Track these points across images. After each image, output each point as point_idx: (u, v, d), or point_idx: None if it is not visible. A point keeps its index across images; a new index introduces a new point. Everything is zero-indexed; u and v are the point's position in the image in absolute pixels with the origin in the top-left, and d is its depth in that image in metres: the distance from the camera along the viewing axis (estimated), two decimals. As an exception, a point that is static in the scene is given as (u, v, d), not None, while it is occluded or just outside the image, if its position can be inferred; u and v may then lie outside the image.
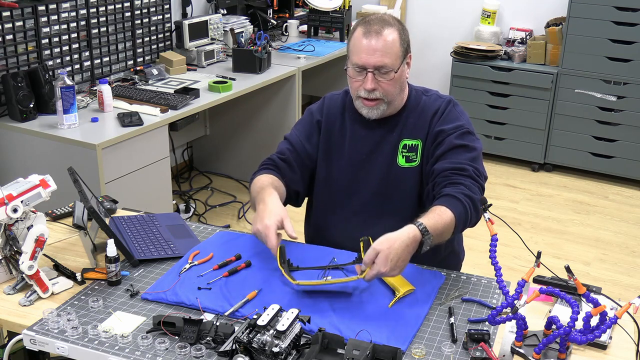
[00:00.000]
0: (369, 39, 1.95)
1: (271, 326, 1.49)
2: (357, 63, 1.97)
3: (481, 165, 2.01)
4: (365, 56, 1.95)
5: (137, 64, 3.94)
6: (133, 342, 1.59)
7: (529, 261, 2.82)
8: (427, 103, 2.09)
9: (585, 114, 4.72)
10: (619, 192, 4.68)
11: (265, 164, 2.13)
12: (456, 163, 1.95)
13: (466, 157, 1.97)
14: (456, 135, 2.00)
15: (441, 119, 2.04)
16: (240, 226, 4.05)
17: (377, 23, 1.98)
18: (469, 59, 4.96)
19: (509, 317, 1.54)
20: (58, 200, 2.07)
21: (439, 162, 1.98)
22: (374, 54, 1.94)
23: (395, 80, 1.98)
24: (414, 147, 2.05)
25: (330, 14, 4.81)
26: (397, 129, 2.06)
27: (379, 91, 1.98)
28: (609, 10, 4.48)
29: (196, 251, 1.98)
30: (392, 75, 1.97)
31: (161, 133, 3.25)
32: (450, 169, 1.95)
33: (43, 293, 1.77)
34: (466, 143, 2.00)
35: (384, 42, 1.95)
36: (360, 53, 1.96)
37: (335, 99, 2.18)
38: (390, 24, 1.99)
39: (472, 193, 1.90)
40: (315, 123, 2.15)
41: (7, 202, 1.73)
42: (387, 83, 1.97)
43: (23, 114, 3.11)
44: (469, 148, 2.00)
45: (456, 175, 1.93)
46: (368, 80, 1.96)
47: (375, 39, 1.95)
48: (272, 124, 4.39)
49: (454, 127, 2.02)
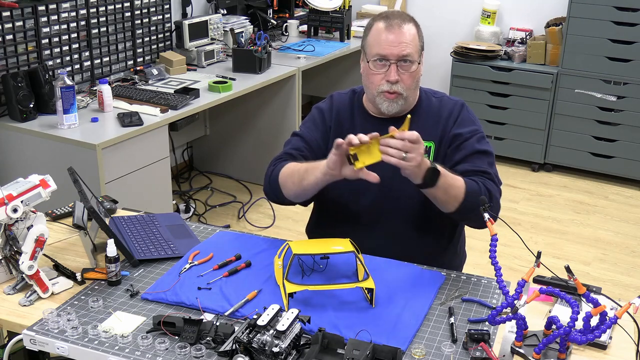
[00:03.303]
0: (391, 32, 1.96)
1: (271, 326, 1.49)
2: (380, 53, 1.96)
3: (496, 170, 2.05)
4: (389, 47, 1.96)
5: (137, 64, 3.94)
6: (133, 342, 1.59)
7: (529, 261, 2.82)
8: (439, 105, 2.09)
9: (585, 114, 4.72)
10: (619, 192, 4.68)
11: (282, 158, 2.09)
12: (478, 167, 1.99)
13: (486, 163, 2.01)
14: (475, 140, 2.02)
15: (457, 123, 2.05)
16: (240, 226, 4.05)
17: (397, 17, 2.00)
18: (469, 59, 4.96)
19: (509, 317, 1.54)
20: (58, 200, 2.07)
21: (460, 165, 2.00)
22: (398, 45, 1.95)
23: (415, 74, 2.00)
24: (426, 149, 2.01)
25: (330, 14, 4.81)
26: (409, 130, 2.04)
27: (400, 84, 1.98)
28: (609, 10, 4.48)
29: (196, 251, 1.98)
30: (414, 67, 1.98)
31: (161, 133, 3.25)
32: (472, 171, 1.98)
33: (43, 293, 1.77)
34: (485, 149, 2.03)
35: (407, 34, 1.98)
36: (383, 44, 1.96)
37: (343, 98, 2.17)
38: (409, 19, 2.03)
39: (491, 189, 1.96)
40: (326, 127, 2.12)
41: (7, 202, 1.73)
42: (408, 76, 1.98)
43: (23, 114, 3.11)
44: (487, 153, 2.03)
45: (478, 176, 1.97)
46: (392, 71, 1.96)
47: (398, 32, 1.97)
48: (272, 124, 4.39)
49: (471, 131, 2.03)
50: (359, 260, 1.80)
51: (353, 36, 4.96)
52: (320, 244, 1.87)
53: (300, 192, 2.01)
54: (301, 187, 1.98)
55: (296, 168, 2.00)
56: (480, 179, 1.96)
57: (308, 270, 1.88)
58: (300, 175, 1.96)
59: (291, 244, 1.85)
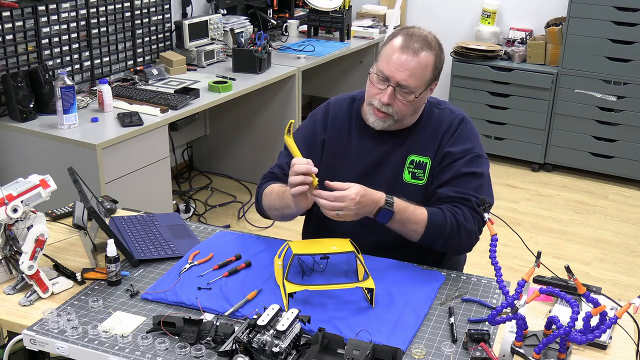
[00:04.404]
0: (404, 54, 1.91)
1: (271, 326, 1.49)
2: (384, 72, 1.92)
3: (487, 191, 1.99)
4: (394, 69, 1.91)
5: (137, 64, 3.94)
6: (133, 342, 1.59)
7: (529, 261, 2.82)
8: (439, 118, 2.04)
9: (585, 114, 4.72)
10: (619, 192, 4.68)
11: (267, 177, 2.11)
12: (460, 193, 1.94)
13: (472, 187, 1.95)
14: (464, 162, 1.97)
15: (451, 139, 2.00)
16: (240, 226, 4.05)
17: (418, 41, 1.92)
18: (469, 59, 4.96)
19: (509, 317, 1.54)
20: (58, 200, 2.07)
21: (443, 188, 1.97)
22: (403, 72, 1.90)
23: (412, 103, 1.95)
24: (421, 164, 2.01)
25: (330, 14, 4.81)
26: (407, 143, 2.02)
27: (392, 108, 1.94)
28: (609, 10, 4.48)
29: (196, 251, 1.98)
30: (412, 98, 1.93)
31: (161, 133, 3.25)
32: (452, 197, 1.94)
33: (43, 293, 1.77)
34: (474, 170, 1.97)
35: (417, 64, 1.91)
36: (390, 64, 1.91)
37: (341, 106, 2.13)
38: (431, 47, 1.95)
39: (464, 220, 1.91)
40: (317, 140, 2.09)
41: (7, 202, 1.73)
42: (403, 103, 1.94)
43: (23, 114, 3.11)
44: (476, 175, 1.98)
45: (457, 203, 1.94)
46: (386, 94, 1.92)
47: (411, 57, 1.91)
48: (272, 124, 4.39)
49: (463, 151, 1.98)
50: (359, 260, 1.80)
51: (353, 36, 4.96)
52: (320, 244, 1.87)
53: (286, 219, 2.07)
54: (284, 216, 2.04)
55: (273, 199, 2.01)
56: (451, 210, 1.91)
57: (308, 270, 1.88)
58: (280, 209, 2.00)
59: (291, 244, 1.85)
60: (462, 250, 2.06)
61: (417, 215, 1.90)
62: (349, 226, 2.03)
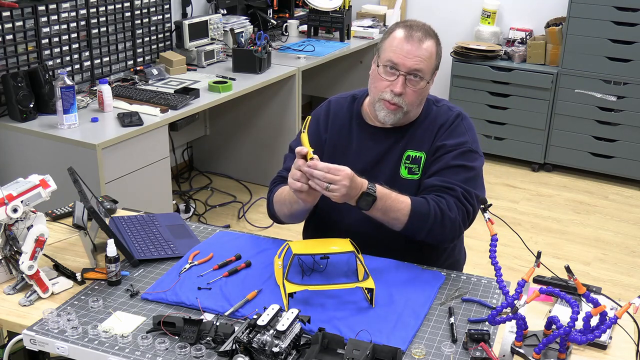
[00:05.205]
0: (410, 43, 1.92)
1: (271, 326, 1.49)
2: (393, 60, 1.93)
3: (477, 186, 1.98)
4: (403, 57, 1.92)
5: (137, 64, 3.94)
6: (133, 342, 1.59)
7: (529, 261, 2.82)
8: (436, 115, 2.05)
9: (585, 114, 4.72)
10: (619, 192, 4.68)
11: (276, 181, 2.12)
12: (446, 182, 1.94)
13: (460, 178, 1.95)
14: (455, 155, 1.97)
15: (446, 133, 2.01)
16: (240, 226, 4.04)
17: (420, 30, 1.95)
18: (469, 59, 4.96)
19: (509, 317, 1.54)
20: (58, 200, 2.07)
21: (430, 178, 1.97)
22: (413, 58, 1.92)
23: (422, 91, 1.96)
24: (417, 159, 2.01)
25: (330, 14, 4.81)
26: (404, 139, 2.03)
27: (403, 98, 1.95)
28: (609, 10, 4.48)
29: (196, 251, 1.98)
30: (423, 84, 1.94)
31: (161, 133, 3.25)
32: (438, 186, 1.94)
33: (43, 293, 1.77)
34: (464, 163, 1.97)
35: (425, 51, 1.93)
36: (398, 52, 1.92)
37: (342, 105, 2.13)
38: (432, 35, 1.98)
39: (447, 208, 1.90)
40: (320, 139, 2.09)
41: (7, 202, 1.73)
42: (414, 91, 1.94)
43: (23, 114, 3.11)
44: (466, 168, 1.97)
45: (442, 192, 1.93)
46: (398, 83, 1.93)
47: (417, 45, 1.93)
48: (272, 124, 4.39)
49: (456, 144, 1.98)
50: (359, 260, 1.80)
51: (353, 36, 4.96)
52: (320, 244, 1.87)
53: (295, 219, 2.08)
54: (293, 216, 2.05)
55: (283, 197, 2.02)
56: (435, 199, 1.91)
57: (308, 270, 1.88)
58: (289, 204, 2.00)
59: (291, 244, 1.85)
60: (445, 241, 2.01)
61: (399, 202, 1.88)
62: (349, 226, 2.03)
